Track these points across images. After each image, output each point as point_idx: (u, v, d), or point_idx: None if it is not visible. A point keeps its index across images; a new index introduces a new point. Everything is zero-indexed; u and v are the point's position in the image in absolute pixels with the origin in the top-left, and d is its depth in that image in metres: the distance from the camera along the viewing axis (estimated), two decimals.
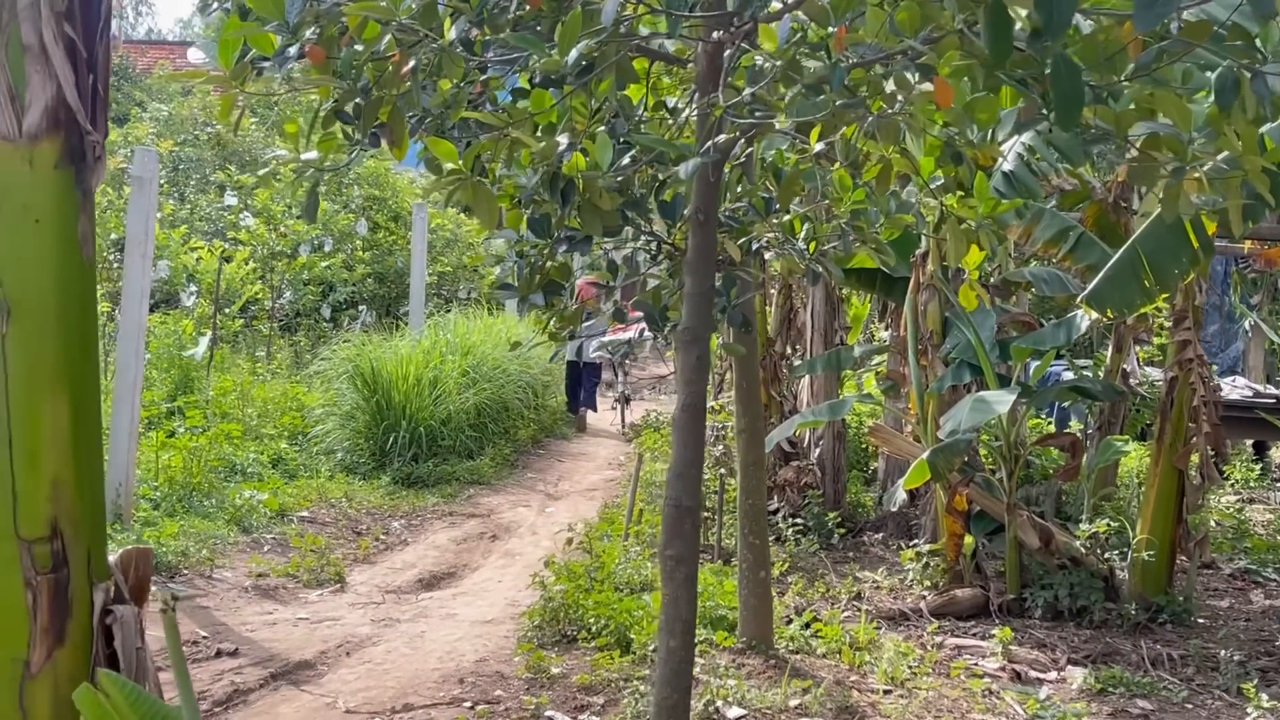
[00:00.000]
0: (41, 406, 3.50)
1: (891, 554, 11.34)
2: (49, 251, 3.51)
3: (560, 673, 7.79)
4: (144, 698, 2.74)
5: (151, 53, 39.42)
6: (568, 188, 5.78)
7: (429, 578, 10.52)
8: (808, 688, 7.42)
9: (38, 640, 3.45)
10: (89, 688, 2.65)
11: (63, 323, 3.55)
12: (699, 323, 5.10)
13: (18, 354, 3.47)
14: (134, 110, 27.70)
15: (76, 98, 3.42)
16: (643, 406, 22.02)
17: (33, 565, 3.44)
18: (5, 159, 3.46)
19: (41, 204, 3.50)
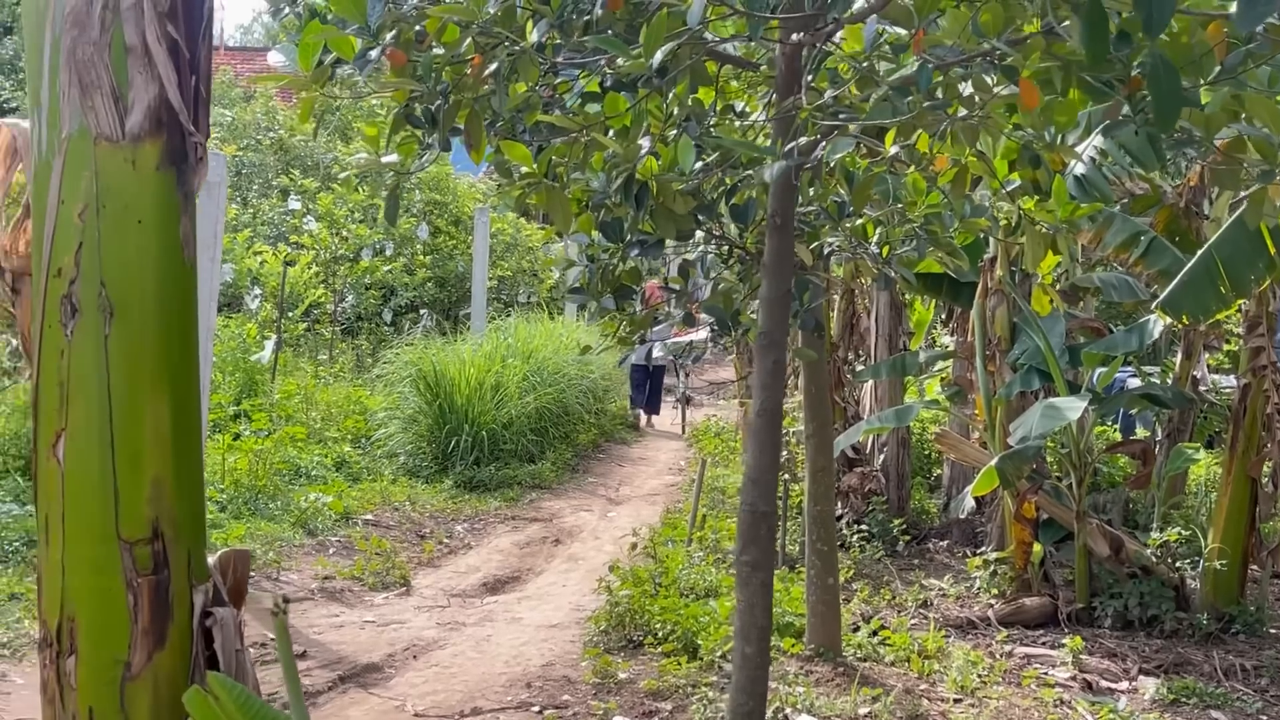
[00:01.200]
0: (143, 407, 3.50)
1: (957, 561, 11.24)
2: (151, 253, 3.50)
3: (627, 678, 7.77)
4: (252, 700, 2.74)
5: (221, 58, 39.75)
6: (642, 191, 5.77)
7: (493, 581, 10.52)
8: (877, 695, 7.36)
9: (138, 642, 3.44)
10: (199, 690, 2.65)
11: (164, 324, 3.54)
12: (776, 327, 5.06)
13: (120, 354, 3.46)
14: None
15: (179, 98, 3.41)
16: (703, 411, 21.95)
17: (134, 566, 3.44)
18: (108, 160, 3.46)
19: (144, 205, 3.49)
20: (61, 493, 3.51)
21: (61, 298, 3.49)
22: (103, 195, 3.46)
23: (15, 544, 9.34)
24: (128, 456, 3.47)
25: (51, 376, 3.51)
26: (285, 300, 16.93)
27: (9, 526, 9.51)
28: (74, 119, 3.46)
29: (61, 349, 3.50)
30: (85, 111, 3.42)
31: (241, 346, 15.21)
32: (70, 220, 3.47)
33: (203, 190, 10.36)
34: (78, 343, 3.48)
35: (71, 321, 3.47)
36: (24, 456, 11.14)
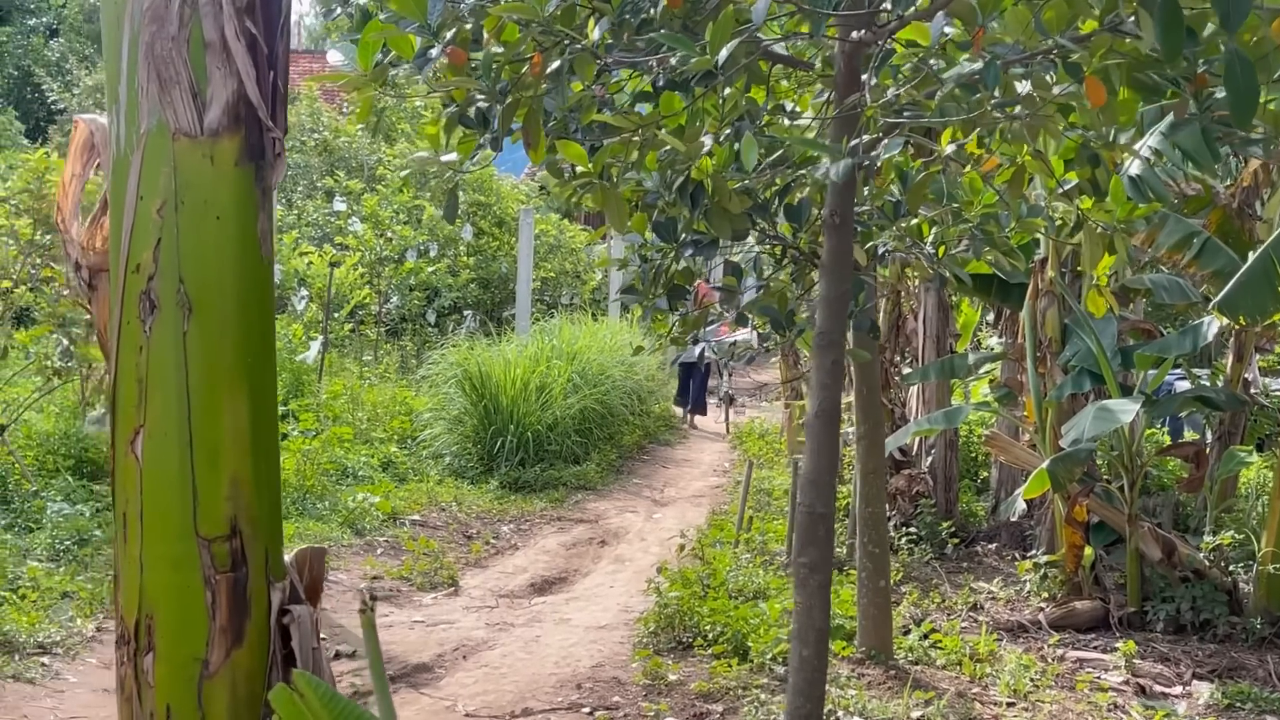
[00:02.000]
0: (221, 404, 3.49)
1: (1006, 564, 11.16)
2: (229, 248, 3.49)
3: (677, 680, 7.75)
4: (337, 699, 2.73)
5: None
6: (697, 191, 5.75)
7: (541, 582, 10.52)
8: (930, 699, 7.31)
9: (216, 640, 3.44)
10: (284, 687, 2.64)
11: (242, 320, 3.53)
12: (835, 327, 5.03)
13: (198, 351, 3.45)
14: None
15: (258, 94, 3.40)
16: (747, 413, 21.90)
17: (212, 564, 3.44)
18: (186, 155, 3.45)
19: (222, 200, 3.48)
20: (140, 489, 3.50)
21: (140, 293, 3.48)
22: (181, 191, 3.45)
23: (66, 543, 9.39)
24: (206, 453, 3.46)
25: (130, 373, 3.50)
26: (331, 301, 16.97)
27: (60, 525, 9.55)
28: (152, 115, 3.45)
29: (140, 345, 3.49)
30: (164, 107, 3.42)
31: (288, 347, 15.27)
32: (149, 216, 3.45)
33: None
34: (156, 339, 3.47)
35: (150, 317, 3.45)
36: (73, 455, 11.21)
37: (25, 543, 9.29)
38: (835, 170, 4.16)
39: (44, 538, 9.40)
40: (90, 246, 3.75)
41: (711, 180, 5.77)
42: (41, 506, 9.91)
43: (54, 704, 6.96)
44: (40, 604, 8.10)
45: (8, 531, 9.51)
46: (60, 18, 33.10)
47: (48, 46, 31.76)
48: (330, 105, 25.65)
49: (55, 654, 7.60)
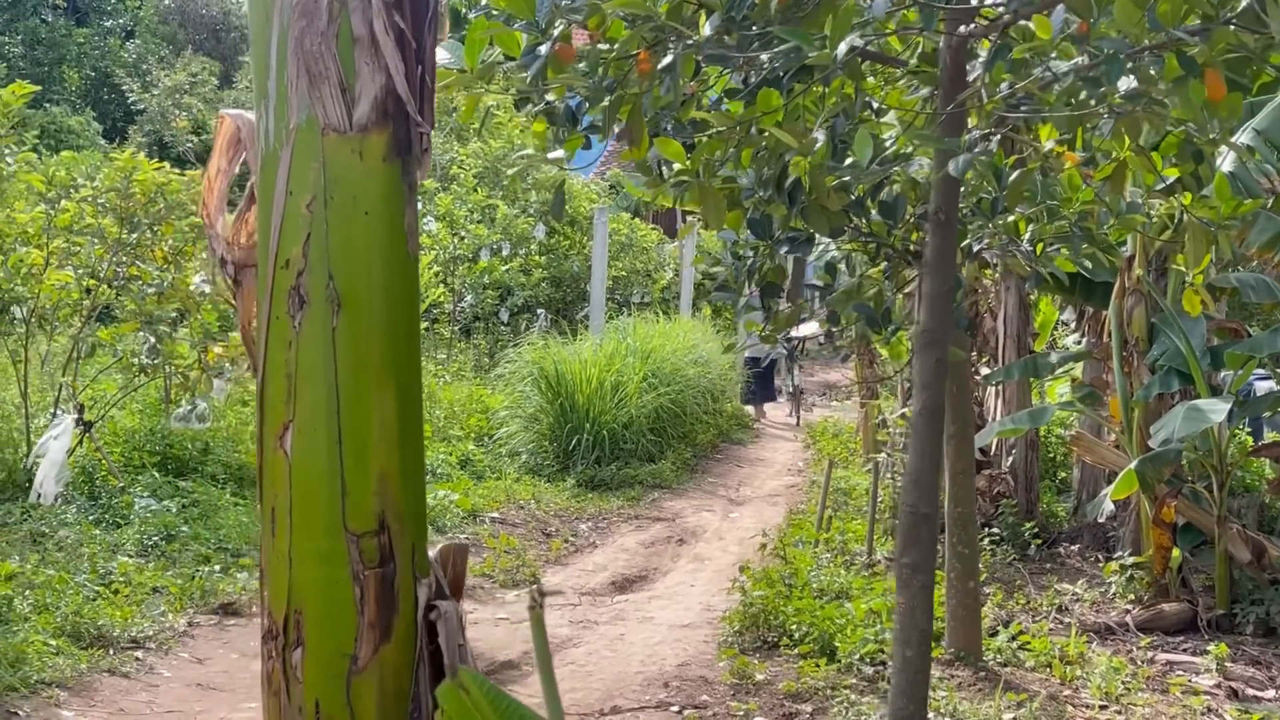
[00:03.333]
0: (370, 399, 3.49)
1: (1089, 566, 11.04)
2: (378, 244, 3.49)
3: (765, 679, 7.72)
4: (502, 696, 2.72)
5: None
6: (795, 187, 5.73)
7: (621, 580, 10.52)
8: (1022, 701, 7.24)
9: (364, 635, 3.45)
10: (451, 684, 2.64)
11: (390, 315, 3.53)
12: (938, 324, 4.98)
13: (347, 346, 3.45)
14: None
15: (406, 88, 3.40)
16: (817, 412, 21.84)
17: (360, 559, 3.44)
18: (335, 150, 3.45)
19: (370, 196, 3.48)
20: (289, 484, 3.51)
21: (289, 289, 3.49)
22: (330, 186, 3.45)
23: (154, 538, 9.48)
24: (355, 449, 3.46)
25: (279, 368, 3.51)
26: None
27: (148, 522, 9.66)
28: (302, 110, 3.46)
29: (289, 340, 3.50)
30: (313, 102, 3.43)
31: None
32: (298, 211, 3.46)
33: None
34: (305, 334, 3.47)
35: (299, 313, 3.46)
36: (158, 452, 11.32)
37: (114, 538, 9.39)
38: (954, 165, 4.12)
39: (132, 533, 9.50)
40: (236, 242, 3.77)
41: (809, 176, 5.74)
42: (129, 502, 10.02)
43: (149, 698, 7.03)
44: (132, 599, 8.19)
45: (96, 527, 9.62)
46: (136, 19, 33.49)
47: (124, 48, 32.13)
48: None
49: (148, 648, 7.68)
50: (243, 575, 9.11)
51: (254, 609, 8.63)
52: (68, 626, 7.55)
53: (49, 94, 27.54)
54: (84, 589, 8.12)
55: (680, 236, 19.34)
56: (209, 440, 11.61)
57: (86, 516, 9.81)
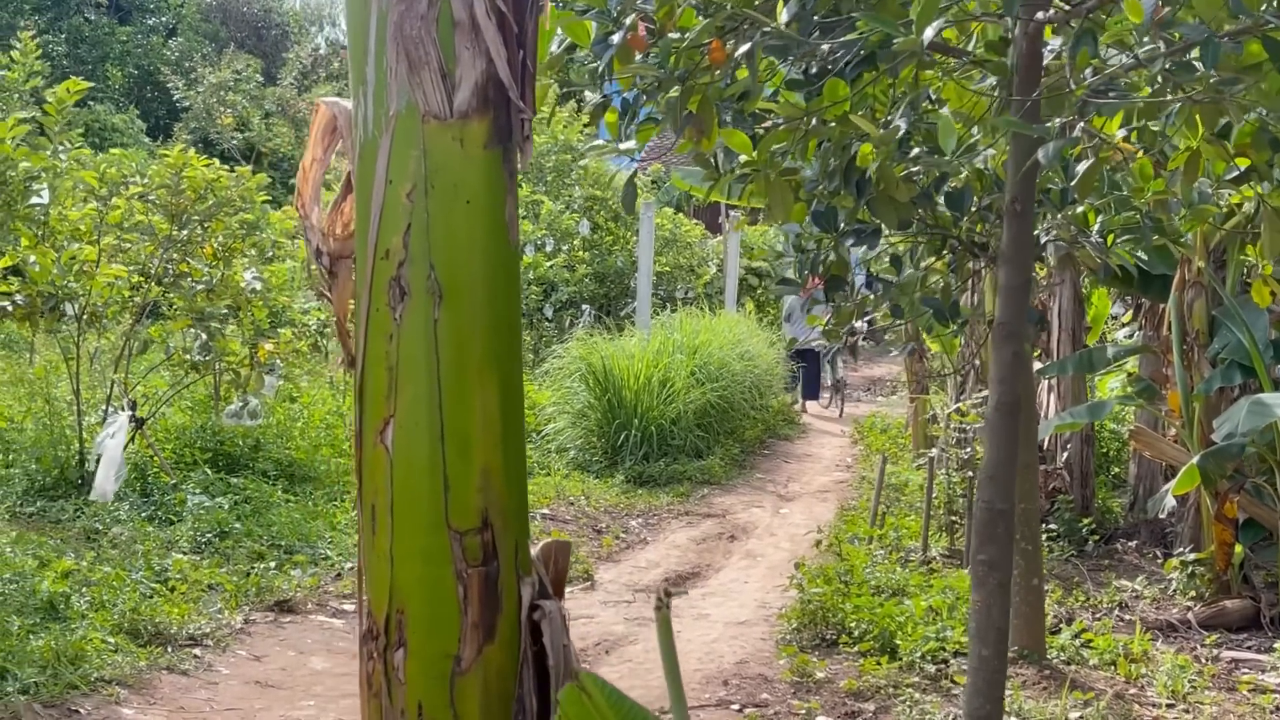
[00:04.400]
0: (472, 392, 3.41)
1: (1147, 562, 10.90)
2: (479, 234, 3.41)
3: (825, 677, 7.63)
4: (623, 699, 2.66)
5: None
6: (862, 179, 5.63)
7: (674, 577, 10.44)
8: (1089, 700, 7.13)
9: (468, 635, 3.36)
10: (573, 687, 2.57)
11: (491, 307, 3.45)
12: (1015, 317, 4.88)
13: (449, 339, 3.37)
14: None
15: (508, 73, 3.31)
16: (862, 407, 21.71)
17: (463, 557, 3.36)
18: (435, 138, 3.37)
19: (472, 185, 3.39)
20: (390, 481, 3.44)
21: (390, 280, 3.40)
22: (431, 175, 3.37)
23: (208, 535, 9.46)
24: (457, 444, 3.38)
25: (379, 361, 3.43)
26: None
27: (201, 518, 9.64)
28: (401, 96, 3.38)
29: (390, 333, 3.42)
30: (413, 88, 3.34)
31: None
32: (398, 201, 3.38)
33: None
34: (407, 326, 3.39)
35: (400, 305, 3.38)
36: (209, 449, 11.31)
37: (168, 535, 9.38)
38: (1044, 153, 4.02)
39: (185, 530, 9.48)
40: (331, 233, 3.69)
41: (877, 168, 5.65)
42: (182, 499, 10.00)
43: (208, 695, 7.00)
44: (189, 596, 8.16)
45: (150, 524, 9.61)
46: (179, 17, 33.59)
47: (166, 46, 32.23)
48: None
49: (206, 645, 7.65)
50: (296, 572, 9.08)
51: (309, 606, 8.62)
52: (125, 624, 7.53)
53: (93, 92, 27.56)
54: (140, 586, 8.09)
55: (736, 228, 19.14)
56: (259, 437, 11.60)
57: (139, 513, 9.81)
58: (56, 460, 10.43)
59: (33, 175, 8.65)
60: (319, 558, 9.51)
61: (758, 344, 18.26)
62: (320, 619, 8.46)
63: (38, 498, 10.07)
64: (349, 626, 8.37)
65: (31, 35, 12.03)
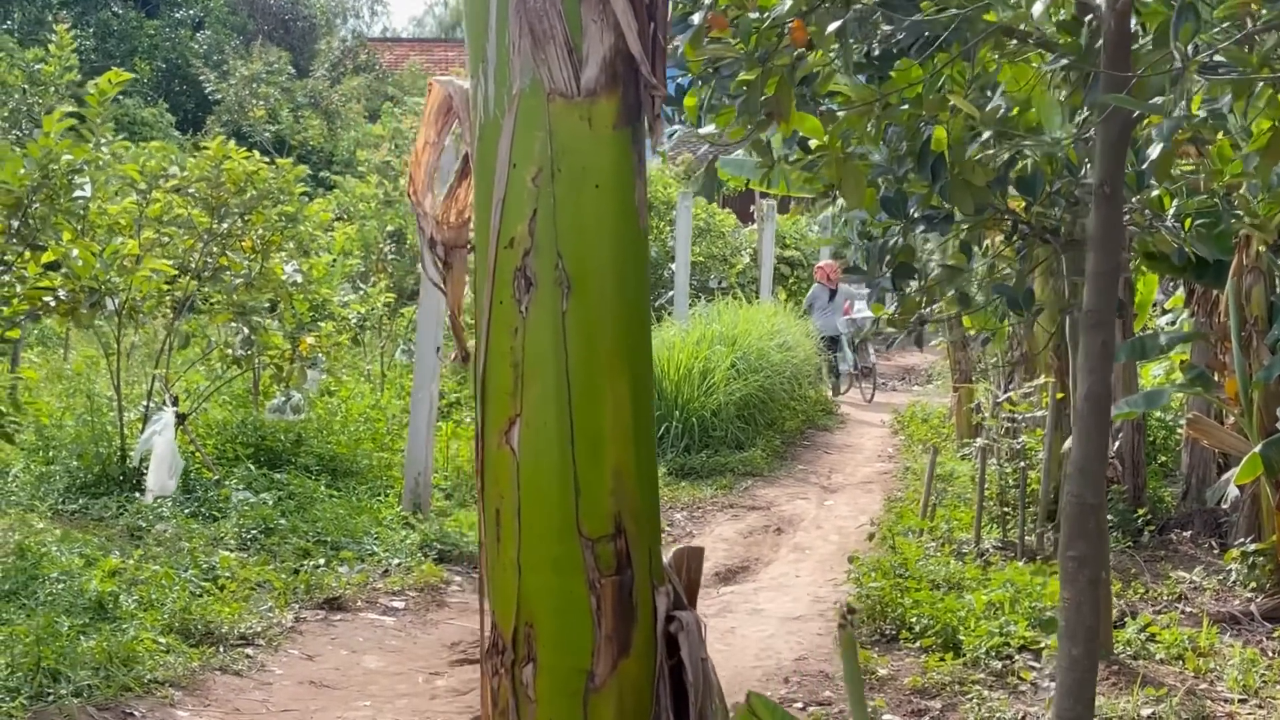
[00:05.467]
0: (603, 390, 3.22)
1: (1203, 553, 10.71)
2: (608, 220, 3.23)
3: (888, 674, 7.48)
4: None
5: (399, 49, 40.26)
6: (938, 163, 5.48)
7: (724, 571, 10.30)
8: (1161, 696, 6.96)
9: (602, 649, 3.19)
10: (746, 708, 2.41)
11: (622, 298, 3.26)
12: (1104, 304, 4.71)
13: (577, 332, 3.18)
14: (385, 105, 28.17)
15: (639, 47, 3.13)
16: (902, 397, 21.53)
17: (596, 566, 3.18)
18: (562, 118, 3.18)
19: (600, 167, 3.22)
20: (516, 485, 3.24)
21: (515, 270, 3.22)
22: (558, 157, 3.18)
23: (253, 531, 9.33)
24: (588, 445, 3.19)
25: (503, 357, 3.25)
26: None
27: (246, 514, 9.51)
28: (525, 74, 3.19)
29: (515, 326, 3.23)
30: (537, 65, 3.16)
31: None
32: (523, 185, 3.19)
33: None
34: (533, 320, 3.21)
35: (526, 296, 3.20)
36: (251, 444, 11.20)
37: (212, 531, 9.25)
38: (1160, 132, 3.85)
39: (230, 526, 9.35)
40: (445, 221, 3.51)
41: (951, 151, 5.50)
42: (226, 495, 9.88)
43: (263, 696, 6.88)
44: (238, 594, 8.03)
45: (194, 520, 9.49)
46: (206, 10, 33.45)
47: (194, 39, 32.10)
48: None
49: (257, 645, 7.53)
50: (344, 569, 8.95)
51: (359, 603, 8.51)
52: (175, 623, 7.41)
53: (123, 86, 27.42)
54: (189, 585, 7.97)
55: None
56: (300, 431, 11.48)
57: (182, 510, 9.68)
58: (98, 457, 10.32)
59: (75, 169, 8.53)
60: (365, 554, 9.38)
61: (795, 333, 18.09)
62: (371, 617, 8.34)
63: (79, 495, 9.96)
64: (400, 625, 8.26)
65: (67, 28, 11.94)
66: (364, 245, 16.11)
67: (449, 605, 8.75)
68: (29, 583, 7.66)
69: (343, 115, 28.77)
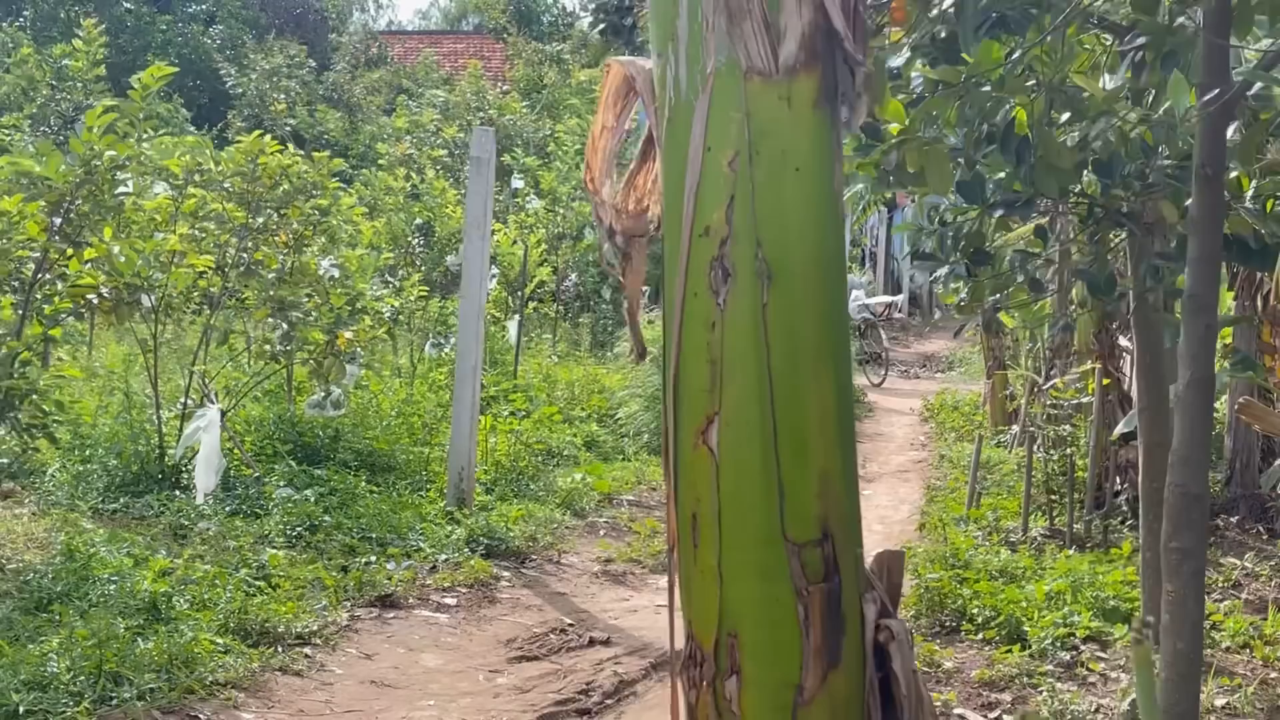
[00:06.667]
0: (806, 387, 3.06)
1: (1251, 539, 10.59)
2: (809, 206, 3.04)
3: (954, 667, 7.36)
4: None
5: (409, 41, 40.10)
6: (1023, 145, 5.36)
7: None
8: (1234, 686, 6.85)
9: (810, 661, 3.02)
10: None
11: (824, 289, 3.08)
12: (1206, 289, 4.59)
13: (779, 326, 3.02)
14: (400, 99, 28.07)
15: (843, 21, 2.98)
16: (927, 385, 21.40)
17: (803, 573, 3.03)
18: (759, 97, 3.01)
19: (801, 150, 3.03)
20: (715, 487, 3.08)
21: (711, 260, 3.06)
22: (755, 139, 3.00)
23: (298, 529, 9.22)
24: (792, 445, 3.04)
25: (698, 353, 3.09)
26: (522, 279, 16.73)
27: (290, 511, 9.39)
28: (720, 51, 3.02)
29: (712, 320, 3.07)
30: (733, 42, 2.99)
31: None
32: (719, 170, 3.02)
33: (473, 167, 10.19)
34: (732, 312, 3.04)
35: (724, 288, 3.04)
36: (289, 440, 11.09)
37: (256, 529, 9.13)
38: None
39: (274, 524, 9.24)
40: (624, 209, 3.36)
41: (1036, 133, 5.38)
42: (269, 493, 9.77)
43: (325, 697, 6.78)
44: (292, 593, 7.92)
45: (235, 518, 9.37)
46: (219, 4, 33.36)
47: (207, 34, 32.02)
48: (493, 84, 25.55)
49: (314, 644, 7.41)
50: (391, 565, 8.84)
51: (410, 600, 8.40)
52: (231, 623, 7.30)
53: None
54: (243, 584, 7.85)
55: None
56: (338, 427, 11.38)
57: (223, 508, 9.57)
58: (136, 455, 10.22)
59: (119, 164, 8.42)
60: (411, 549, 9.27)
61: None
62: (424, 614, 8.23)
63: (119, 494, 9.85)
64: (453, 622, 8.16)
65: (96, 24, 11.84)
66: (391, 238, 16.00)
67: (500, 601, 8.64)
68: (79, 584, 7.57)
69: (364, 108, 28.66)
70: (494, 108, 23.84)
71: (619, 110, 3.41)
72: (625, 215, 3.33)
